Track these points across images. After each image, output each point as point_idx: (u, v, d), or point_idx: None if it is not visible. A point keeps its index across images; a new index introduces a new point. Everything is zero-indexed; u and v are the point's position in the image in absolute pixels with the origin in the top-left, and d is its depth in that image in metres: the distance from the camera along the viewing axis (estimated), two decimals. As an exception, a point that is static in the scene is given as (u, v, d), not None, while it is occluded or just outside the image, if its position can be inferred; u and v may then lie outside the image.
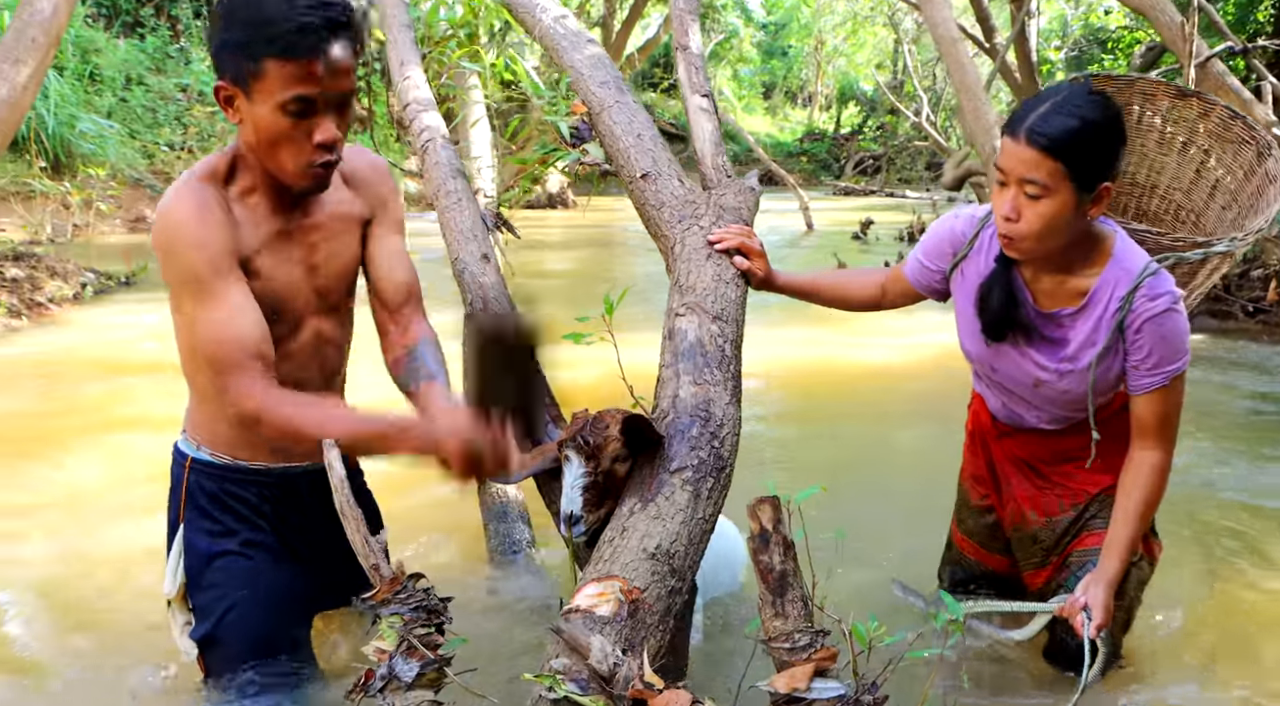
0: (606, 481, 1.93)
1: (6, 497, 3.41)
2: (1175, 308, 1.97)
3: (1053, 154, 1.84)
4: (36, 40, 6.30)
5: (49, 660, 2.37)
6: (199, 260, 1.76)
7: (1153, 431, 2.07)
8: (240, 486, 2.03)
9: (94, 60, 13.63)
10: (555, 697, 1.54)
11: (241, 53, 1.72)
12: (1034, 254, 1.99)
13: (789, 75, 36.79)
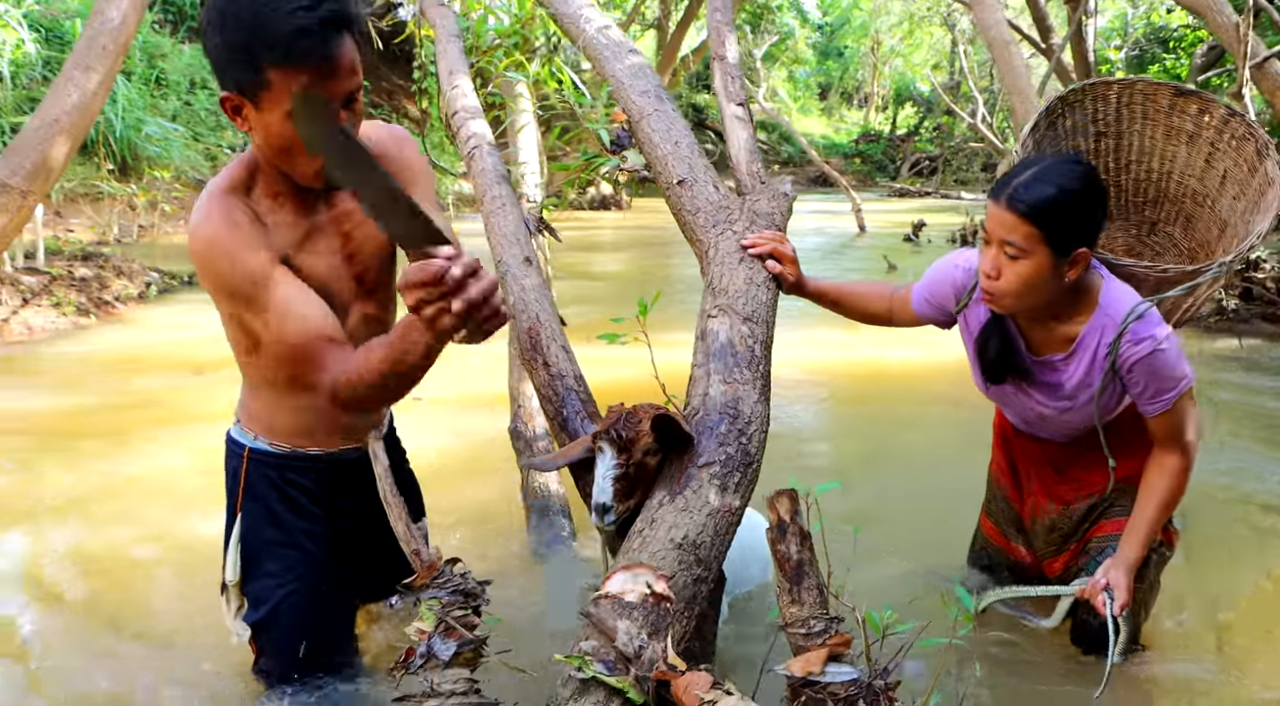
0: (637, 473, 2.01)
1: (72, 486, 3.57)
2: (1160, 347, 2.09)
3: (1030, 219, 1.99)
4: (106, 48, 6.51)
5: (107, 638, 2.49)
6: (239, 272, 1.78)
7: (1171, 441, 2.21)
8: (299, 474, 2.11)
9: (160, 65, 13.98)
10: (584, 677, 1.64)
11: (242, 62, 1.68)
12: (1014, 310, 2.15)
13: (845, 76, 36.64)
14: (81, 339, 6.16)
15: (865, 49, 34.15)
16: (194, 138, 13.66)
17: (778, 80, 32.51)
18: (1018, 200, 2.00)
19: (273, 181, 1.87)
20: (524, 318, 2.39)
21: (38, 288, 6.53)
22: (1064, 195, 1.99)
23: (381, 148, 2.02)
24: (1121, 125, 2.67)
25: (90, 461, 3.84)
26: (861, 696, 1.58)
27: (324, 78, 1.69)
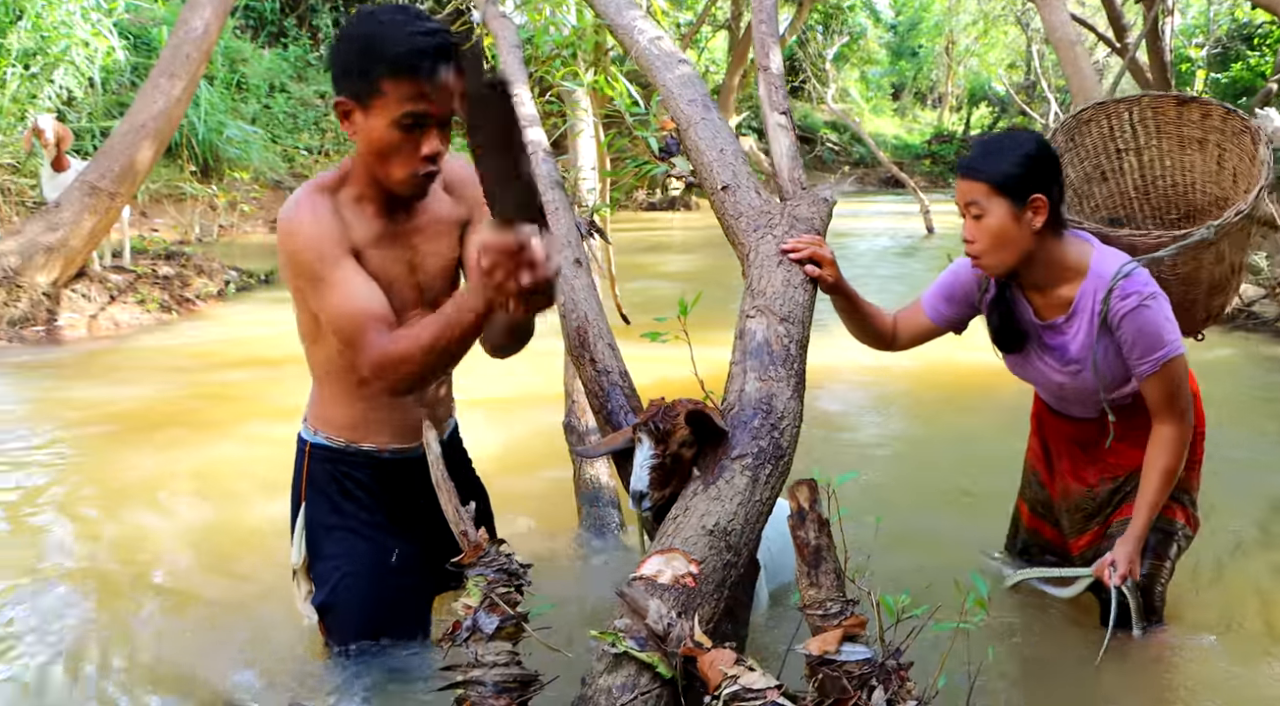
0: (673, 464, 2.13)
1: (150, 474, 3.78)
2: (1146, 303, 2.25)
3: (978, 177, 2.29)
4: (190, 56, 6.82)
5: (178, 610, 2.66)
6: (314, 255, 1.98)
7: (1163, 409, 2.34)
8: (354, 467, 2.26)
9: (241, 69, 14.43)
10: (616, 652, 1.76)
11: (361, 73, 1.91)
12: (999, 267, 2.36)
13: (919, 76, 36.32)
14: (163, 334, 6.45)
15: (939, 48, 33.82)
16: (272, 140, 14.09)
17: (850, 81, 32.35)
18: (968, 166, 2.31)
19: (360, 185, 2.08)
20: (573, 317, 2.52)
21: (124, 285, 6.84)
22: (1006, 151, 2.28)
23: (459, 183, 2.21)
24: (1139, 140, 2.79)
25: (167, 449, 4.05)
26: (875, 675, 1.68)
27: (427, 94, 1.92)
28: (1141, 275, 2.27)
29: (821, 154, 27.97)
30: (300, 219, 2.01)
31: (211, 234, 11.28)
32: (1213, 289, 2.54)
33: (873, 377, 5.45)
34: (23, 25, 11.24)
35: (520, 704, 1.81)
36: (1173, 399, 2.32)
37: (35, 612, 2.59)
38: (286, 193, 13.39)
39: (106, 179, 6.53)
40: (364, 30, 1.95)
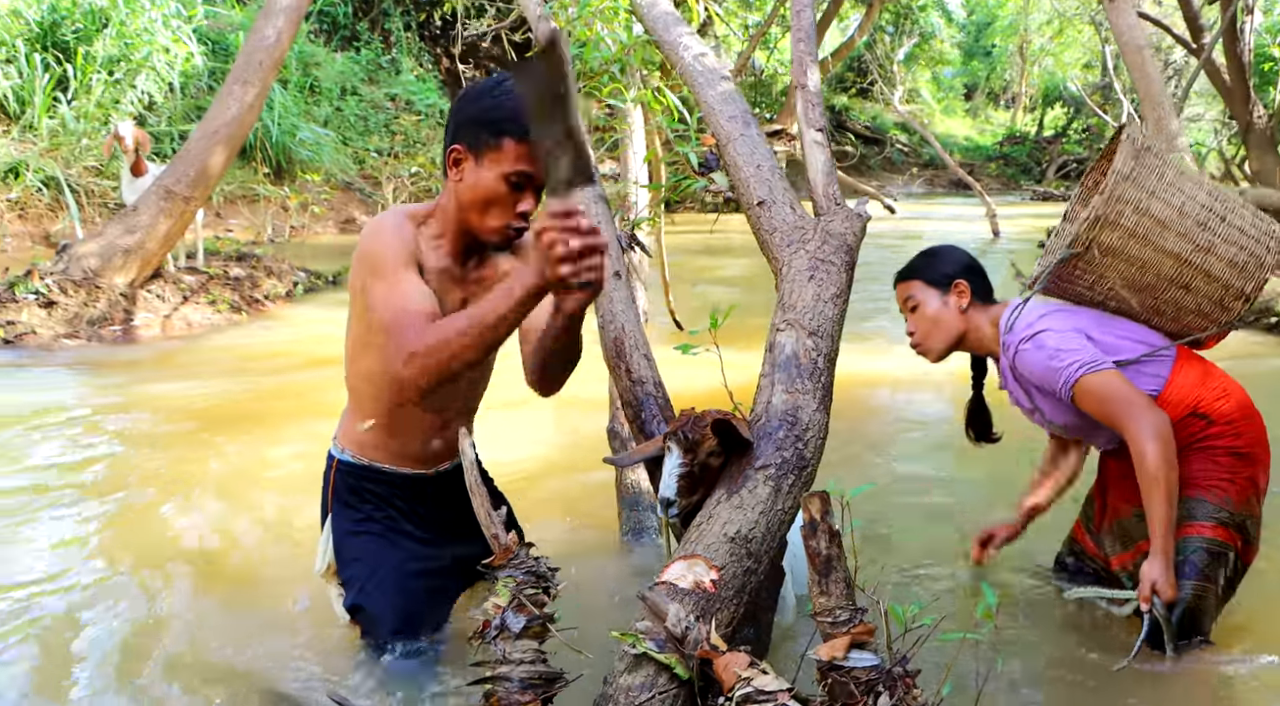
0: (701, 473, 2.21)
1: (213, 467, 3.94)
2: (1022, 347, 2.49)
3: (906, 278, 2.70)
4: (262, 64, 7.04)
5: (224, 601, 2.79)
6: (389, 255, 2.15)
7: (1112, 422, 2.41)
8: (374, 484, 2.44)
9: (314, 73, 14.77)
10: (636, 652, 1.85)
11: (487, 127, 2.12)
12: (934, 351, 2.67)
13: (991, 76, 35.83)
14: (233, 334, 6.67)
15: (1013, 48, 33.33)
16: (343, 142, 14.39)
17: (921, 81, 32.03)
18: (898, 275, 2.72)
19: (443, 225, 2.26)
20: (611, 328, 2.61)
21: (196, 286, 7.08)
22: (923, 254, 2.72)
23: (524, 247, 2.34)
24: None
25: (230, 445, 4.21)
26: (881, 681, 1.74)
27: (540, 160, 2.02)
28: (1022, 320, 2.51)
29: (891, 155, 27.75)
30: (386, 224, 2.21)
31: (283, 234, 11.57)
32: (1178, 283, 2.51)
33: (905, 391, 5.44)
34: (108, 33, 11.65)
35: (545, 700, 1.91)
36: (1112, 408, 2.38)
37: (87, 597, 2.74)
38: (356, 194, 13.69)
39: (182, 183, 6.77)
40: (496, 93, 2.14)
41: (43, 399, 4.85)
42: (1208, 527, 2.42)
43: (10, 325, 5.97)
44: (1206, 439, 2.43)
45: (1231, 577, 2.45)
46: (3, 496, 3.53)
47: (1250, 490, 2.46)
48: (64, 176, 10.50)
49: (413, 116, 15.53)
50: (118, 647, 2.48)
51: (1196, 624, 2.39)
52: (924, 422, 4.87)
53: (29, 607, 2.68)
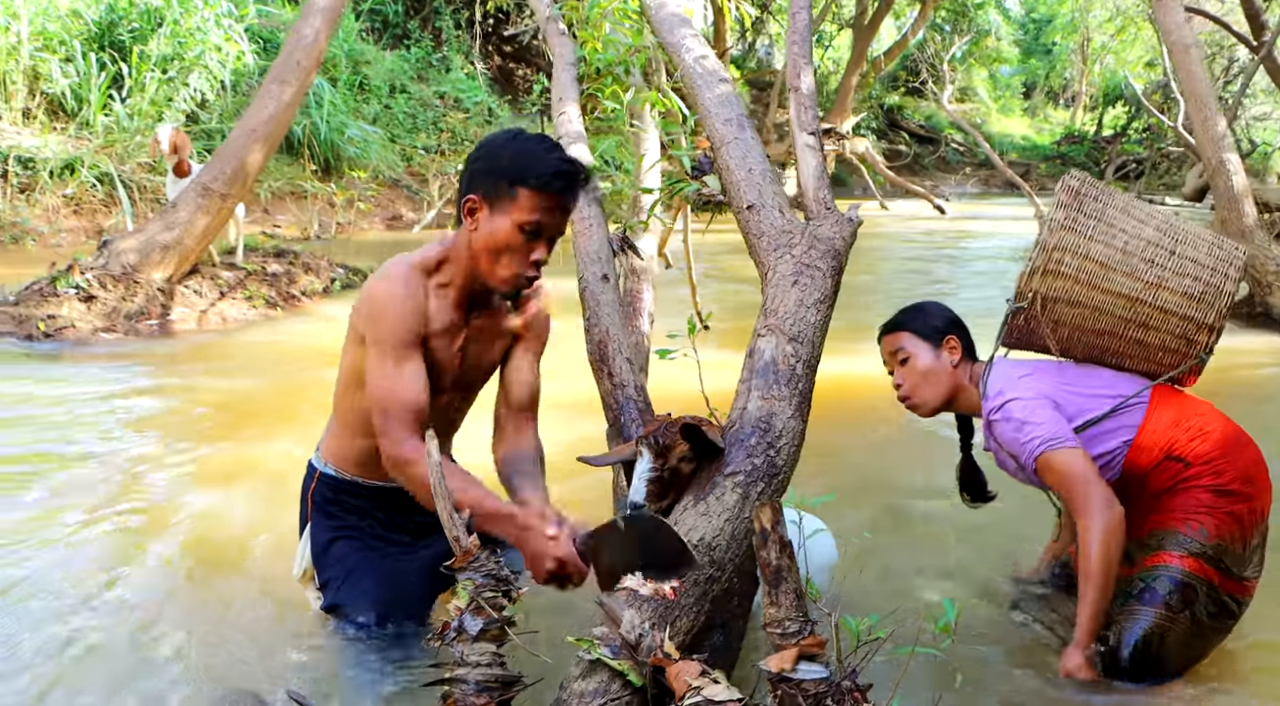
0: (671, 477, 2.20)
1: (240, 458, 4.01)
2: (993, 417, 2.48)
3: (897, 329, 2.64)
4: (301, 63, 7.13)
5: (223, 588, 2.84)
6: (398, 330, 2.21)
7: (1067, 503, 2.43)
8: (355, 497, 2.50)
9: (364, 71, 14.94)
10: (591, 658, 1.85)
11: (503, 177, 2.17)
12: (928, 405, 2.62)
13: (1051, 74, 35.26)
14: (267, 329, 6.76)
15: (1073, 46, 32.75)
16: (391, 139, 14.54)
17: (977, 80, 31.62)
18: (888, 325, 2.67)
19: (452, 274, 2.31)
20: (596, 331, 2.62)
21: (233, 282, 7.19)
22: (911, 308, 2.68)
23: (526, 302, 2.44)
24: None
25: (253, 437, 4.28)
26: (830, 695, 1.72)
27: (554, 211, 2.20)
28: (993, 386, 2.50)
29: (946, 154, 27.46)
30: (395, 293, 2.24)
31: (330, 231, 11.72)
32: (1138, 323, 2.49)
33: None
34: (162, 32, 11.89)
35: (501, 703, 1.91)
36: (1069, 490, 2.35)
37: (84, 583, 2.80)
38: (403, 191, 13.82)
39: (219, 181, 6.88)
40: (514, 144, 2.22)
41: (70, 391, 4.96)
42: (1175, 557, 2.36)
43: (51, 319, 6.10)
44: (1185, 480, 2.39)
45: (1215, 612, 2.37)
46: (13, 482, 3.62)
47: (1231, 524, 2.37)
48: (117, 172, 10.74)
49: (461, 114, 15.65)
50: (95, 636, 2.52)
51: (1154, 655, 2.32)
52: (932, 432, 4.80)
53: (25, 590, 2.74)
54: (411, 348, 2.22)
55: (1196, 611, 2.33)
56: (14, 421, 4.48)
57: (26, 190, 10.57)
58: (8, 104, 11.19)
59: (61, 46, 11.51)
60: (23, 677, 2.30)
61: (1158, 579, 2.34)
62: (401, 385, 2.19)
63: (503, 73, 18.73)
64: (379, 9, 16.76)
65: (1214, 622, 2.38)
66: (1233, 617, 2.41)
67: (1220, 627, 2.40)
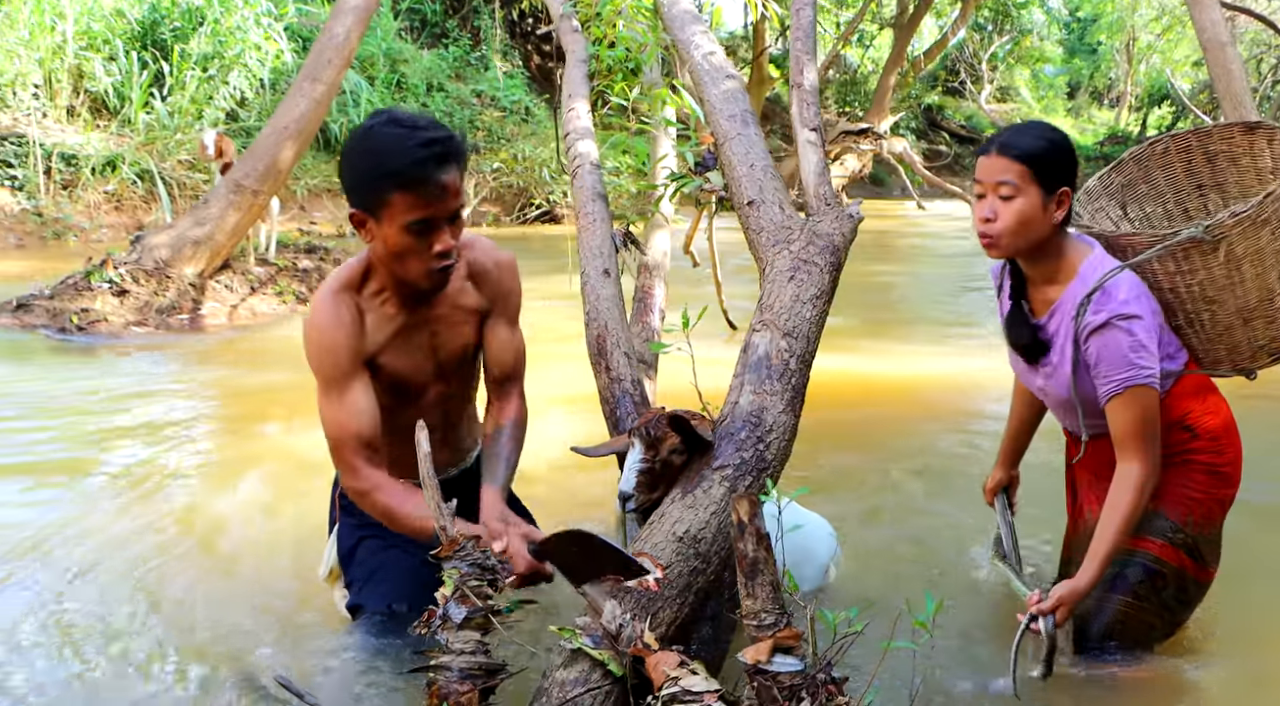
0: (662, 469, 2.21)
1: (264, 450, 4.06)
2: (1115, 323, 2.19)
3: (1020, 159, 2.24)
4: (331, 61, 7.21)
5: (230, 576, 2.89)
6: (329, 363, 2.18)
7: (1123, 442, 2.24)
8: None
9: (401, 69, 15.05)
10: (572, 647, 1.87)
11: (369, 187, 2.06)
12: (1011, 250, 2.31)
13: (1095, 74, 34.84)
14: (295, 324, 6.80)
15: (1119, 45, 32.33)
16: (428, 138, 14.62)
17: (1019, 79, 31.31)
18: (1009, 146, 2.26)
19: (381, 281, 2.24)
20: (595, 325, 2.63)
21: (265, 278, 7.29)
22: (1045, 141, 2.27)
23: (483, 273, 2.38)
24: (1219, 176, 2.60)
25: (279, 430, 4.34)
26: (805, 687, 1.73)
27: (431, 200, 2.08)
28: (1123, 289, 2.21)
29: (986, 154, 27.22)
30: (320, 324, 2.20)
31: (364, 228, 11.84)
32: (1245, 314, 2.34)
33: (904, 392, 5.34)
34: (203, 31, 12.08)
35: (484, 691, 1.93)
36: (1133, 432, 2.22)
37: (90, 569, 2.85)
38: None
39: (251, 177, 6.98)
40: (365, 147, 2.08)
41: (100, 383, 5.06)
42: (1155, 544, 2.33)
43: (84, 312, 6.22)
44: (1188, 452, 2.33)
45: (1183, 599, 2.37)
46: (41, 471, 3.70)
47: (1217, 512, 2.36)
48: (158, 169, 10.93)
49: (497, 112, 15.73)
50: (100, 620, 2.57)
51: (1115, 638, 2.32)
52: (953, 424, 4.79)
53: (32, 577, 2.81)
54: (350, 376, 2.19)
55: (1164, 597, 2.34)
56: (45, 411, 4.58)
57: (69, 186, 10.79)
58: (52, 102, 11.43)
59: (105, 45, 11.74)
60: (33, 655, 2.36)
61: (1131, 566, 2.32)
62: (345, 416, 2.18)
63: (541, 72, 18.78)
64: (418, 8, 16.89)
65: (1178, 608, 2.38)
66: (1194, 604, 2.41)
67: (1183, 612, 2.40)
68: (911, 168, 18.18)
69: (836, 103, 26.03)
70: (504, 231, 14.03)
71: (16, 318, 6.20)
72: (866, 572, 2.88)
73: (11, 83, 10.94)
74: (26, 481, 3.68)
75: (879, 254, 12.95)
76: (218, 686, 2.22)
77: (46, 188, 10.55)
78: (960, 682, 2.31)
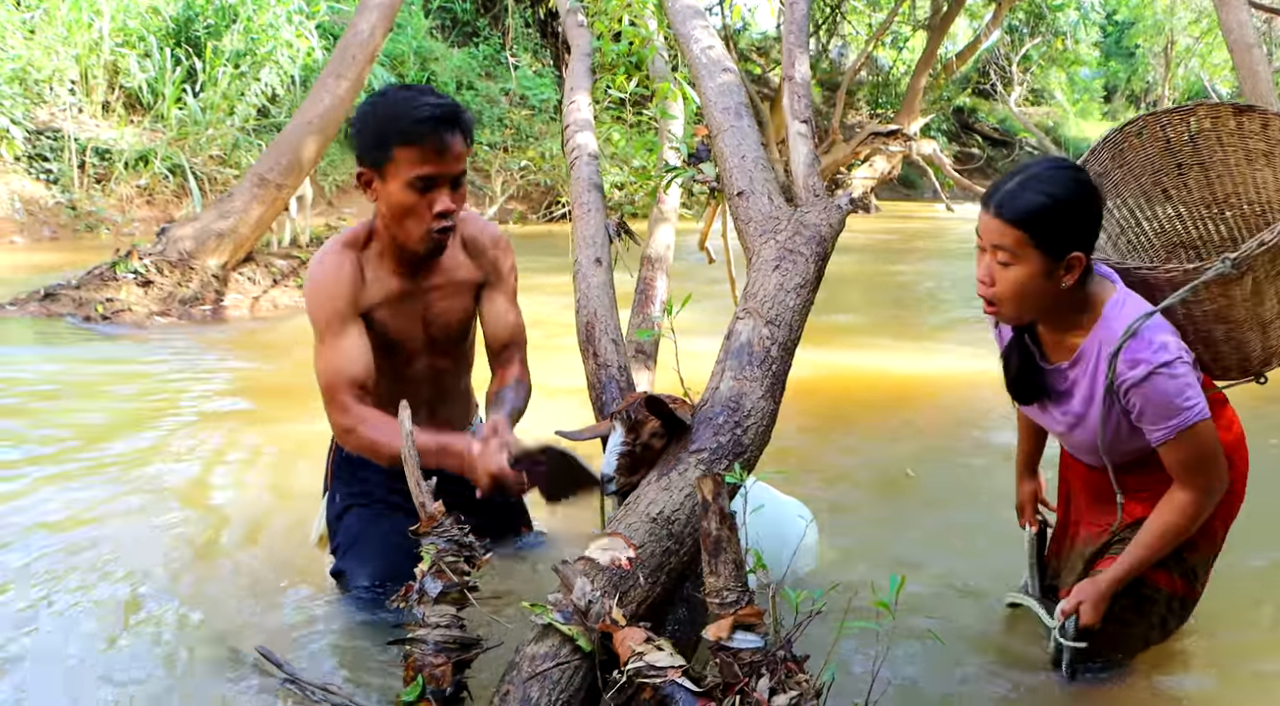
0: (643, 453, 2.25)
1: (277, 437, 4.12)
2: (1157, 372, 2.02)
3: (1016, 224, 2.01)
4: (355, 57, 7.29)
5: (223, 556, 2.93)
6: (326, 310, 2.28)
7: (1180, 475, 2.13)
8: (372, 469, 2.52)
9: (431, 67, 15.16)
10: (543, 623, 1.91)
11: (377, 144, 2.19)
12: (1016, 318, 2.16)
13: (1133, 78, 34.46)
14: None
15: (1157, 48, 31.95)
16: (456, 135, 14.71)
17: (1054, 82, 31.01)
18: (1003, 207, 2.03)
19: (383, 244, 2.35)
20: (584, 312, 2.67)
21: (287, 270, 7.39)
22: (1050, 200, 2.00)
23: (478, 246, 2.48)
24: (1202, 155, 2.52)
25: (293, 418, 4.40)
26: (765, 664, 1.76)
27: (435, 157, 2.19)
28: (1153, 333, 2.05)
29: (1019, 158, 27.02)
30: (321, 276, 2.31)
31: (392, 223, 11.94)
32: (1262, 325, 2.24)
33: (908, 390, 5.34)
34: (235, 28, 12.23)
35: (459, 665, 1.98)
36: (1191, 467, 2.10)
37: (109, 551, 2.92)
38: (469, 185, 14.01)
39: (275, 171, 7.07)
40: (376, 107, 2.23)
41: (121, 370, 5.16)
42: (1161, 577, 2.27)
43: (109, 302, 6.34)
44: None
45: (1170, 616, 2.33)
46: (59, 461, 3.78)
47: (1222, 532, 2.32)
48: (189, 164, 11.07)
49: (526, 111, 15.81)
50: (102, 600, 2.64)
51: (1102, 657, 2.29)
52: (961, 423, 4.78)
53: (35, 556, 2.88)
54: (346, 322, 2.27)
55: (1152, 619, 2.30)
56: (66, 395, 4.68)
57: (102, 181, 10.96)
58: (88, 97, 11.61)
59: (140, 42, 11.90)
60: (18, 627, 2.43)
61: (1123, 593, 2.23)
62: (339, 359, 2.25)
63: (571, 71, 18.85)
64: (449, 6, 16.98)
65: (1167, 623, 2.34)
66: (1184, 618, 2.37)
67: (1173, 626, 2.36)
68: (941, 169, 18.10)
69: (868, 105, 25.93)
70: (531, 229, 14.12)
71: (44, 306, 6.33)
72: (849, 561, 2.90)
73: (49, 78, 11.11)
74: (29, 457, 3.77)
75: (906, 255, 12.94)
76: (202, 657, 2.28)
77: (80, 181, 10.72)
78: (924, 665, 2.33)
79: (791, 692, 1.71)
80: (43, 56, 10.99)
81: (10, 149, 10.18)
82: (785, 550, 2.73)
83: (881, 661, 1.79)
